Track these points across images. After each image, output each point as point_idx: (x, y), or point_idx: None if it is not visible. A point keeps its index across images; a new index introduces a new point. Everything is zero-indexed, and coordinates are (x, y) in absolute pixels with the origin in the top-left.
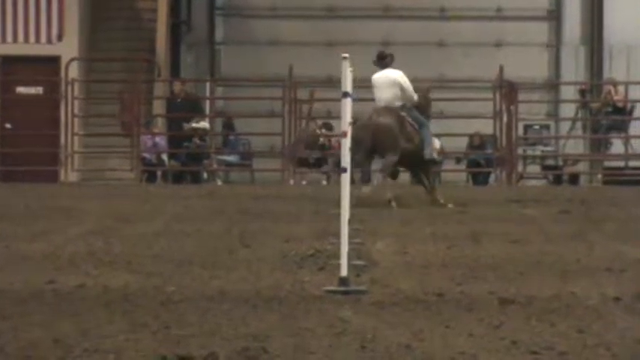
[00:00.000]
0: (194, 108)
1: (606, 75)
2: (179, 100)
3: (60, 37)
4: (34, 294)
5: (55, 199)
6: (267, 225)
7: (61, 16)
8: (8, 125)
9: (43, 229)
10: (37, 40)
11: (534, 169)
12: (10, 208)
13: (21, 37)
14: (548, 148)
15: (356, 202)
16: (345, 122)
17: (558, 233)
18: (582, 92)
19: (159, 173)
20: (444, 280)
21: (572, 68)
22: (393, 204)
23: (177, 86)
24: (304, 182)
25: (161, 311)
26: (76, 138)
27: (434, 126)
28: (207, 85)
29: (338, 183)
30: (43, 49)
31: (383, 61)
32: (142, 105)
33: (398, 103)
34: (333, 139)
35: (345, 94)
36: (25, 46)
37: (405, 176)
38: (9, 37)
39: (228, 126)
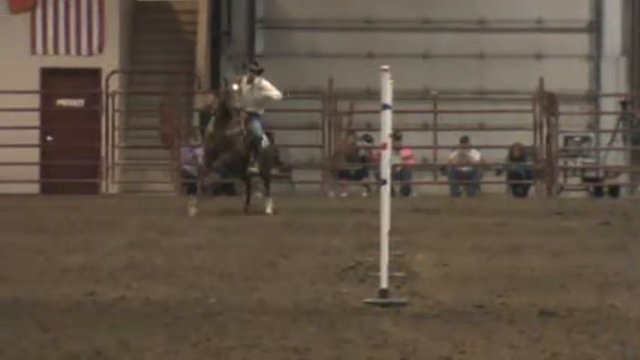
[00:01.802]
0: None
1: None
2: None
3: (101, 49)
4: (74, 306)
5: (95, 211)
6: (307, 237)
7: (101, 28)
8: (49, 138)
9: (83, 241)
10: (78, 52)
11: (574, 180)
12: (51, 220)
13: (62, 49)
14: (589, 160)
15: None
16: (385, 134)
17: (598, 245)
18: (623, 104)
19: (198, 185)
20: (484, 292)
21: (612, 80)
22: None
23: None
24: (344, 194)
25: (201, 323)
26: (116, 150)
27: (474, 137)
28: None
29: (378, 195)
30: (84, 62)
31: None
32: (181, 117)
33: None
34: (373, 151)
35: (385, 106)
36: (66, 58)
37: (444, 189)
38: (50, 49)
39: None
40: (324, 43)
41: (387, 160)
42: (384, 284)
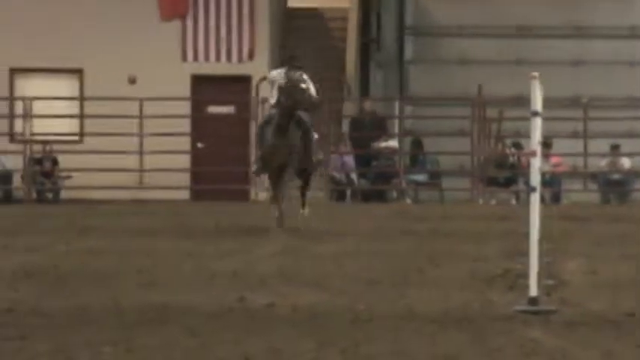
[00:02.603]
0: (380, 127)
1: None
2: (367, 119)
3: (251, 56)
4: (224, 311)
5: (245, 217)
6: (456, 244)
7: (252, 35)
8: (200, 144)
9: (233, 247)
10: (228, 59)
11: None
12: (201, 226)
13: (212, 56)
14: None
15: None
16: (535, 141)
17: None
18: None
19: (348, 192)
20: (634, 301)
21: None
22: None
23: (367, 104)
24: (493, 201)
25: (350, 330)
26: None
27: (625, 145)
28: (396, 103)
29: (527, 202)
30: (234, 68)
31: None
32: (330, 124)
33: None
34: (523, 158)
35: (535, 113)
36: (217, 65)
37: (594, 196)
38: (200, 57)
39: (417, 145)
40: (474, 50)
41: (536, 168)
42: (533, 292)
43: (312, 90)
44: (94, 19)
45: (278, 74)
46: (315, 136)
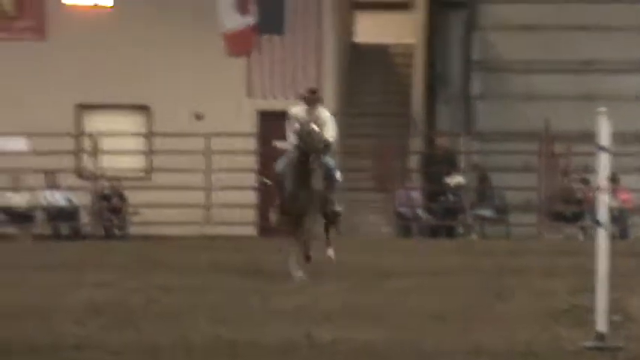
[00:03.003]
0: (452, 162)
1: None
2: (439, 154)
3: None
4: (290, 347)
5: (312, 252)
6: (522, 279)
7: (317, 71)
8: (266, 180)
9: (299, 283)
10: (295, 95)
11: None
12: (268, 262)
13: (278, 92)
14: None
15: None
16: (603, 177)
17: None
18: None
19: (414, 227)
20: None
21: None
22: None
23: (440, 140)
24: (560, 237)
25: None
26: None
27: None
28: (463, 139)
29: (594, 237)
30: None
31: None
32: (397, 159)
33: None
34: (590, 194)
35: (602, 149)
36: (283, 101)
37: None
38: (266, 92)
39: (484, 180)
40: (540, 85)
41: (604, 203)
42: (600, 328)
43: (330, 129)
44: (161, 55)
45: (298, 111)
46: (338, 175)
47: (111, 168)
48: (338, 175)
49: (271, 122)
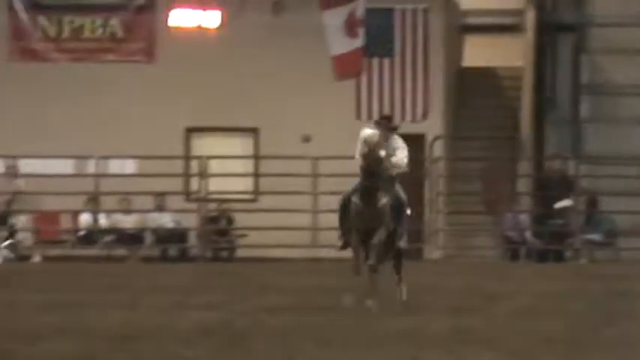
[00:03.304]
0: (566, 186)
1: None
2: (554, 177)
3: (425, 116)
4: None
5: (418, 275)
6: (632, 304)
7: (426, 95)
8: None
9: (406, 305)
10: (402, 118)
11: None
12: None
13: None
14: None
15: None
16: None
17: None
18: None
19: (522, 251)
20: None
21: None
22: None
23: (553, 163)
24: None
25: None
26: (439, 215)
27: None
28: (572, 162)
29: None
30: (408, 127)
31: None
32: (505, 183)
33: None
34: None
35: None
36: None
37: None
38: (374, 115)
39: (593, 204)
40: None
41: None
42: None
43: (400, 155)
44: (269, 78)
45: (370, 135)
46: (408, 211)
47: (219, 190)
48: (408, 210)
49: None
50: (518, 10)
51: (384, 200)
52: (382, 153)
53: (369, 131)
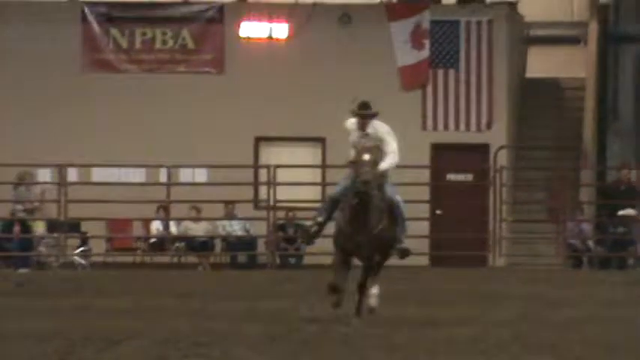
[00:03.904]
0: (632, 195)
1: None
2: (622, 187)
3: (489, 126)
4: None
5: (483, 283)
6: None
7: (490, 105)
8: (438, 211)
9: (471, 313)
10: (467, 128)
11: None
12: (439, 292)
13: (451, 125)
14: None
15: None
16: None
17: None
18: None
19: (585, 259)
20: None
21: None
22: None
23: (624, 172)
24: None
25: None
26: (503, 224)
27: None
28: (634, 172)
29: None
30: (473, 137)
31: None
32: (568, 192)
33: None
34: None
35: None
36: (456, 134)
37: None
38: (440, 126)
39: None
40: None
41: None
42: None
43: (390, 147)
44: (336, 89)
45: (353, 125)
46: (403, 205)
47: (287, 199)
48: (402, 205)
49: (444, 154)
50: (581, 22)
51: (379, 227)
52: (367, 157)
53: (351, 122)
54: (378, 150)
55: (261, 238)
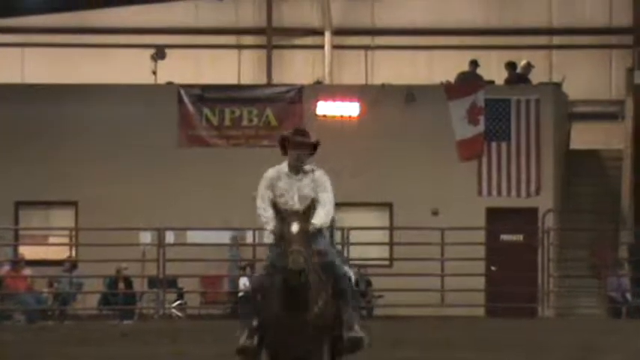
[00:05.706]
0: None
1: None
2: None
3: (537, 192)
4: None
5: (532, 333)
6: None
7: (538, 173)
8: (493, 268)
9: (522, 358)
10: (518, 194)
11: None
12: (495, 340)
13: (504, 191)
14: None
15: None
16: None
17: None
18: None
19: (623, 309)
20: None
21: None
22: None
23: None
24: None
25: None
26: (551, 279)
27: None
28: None
29: None
30: (523, 202)
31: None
32: (609, 250)
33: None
34: None
35: None
36: (508, 199)
37: None
38: (494, 192)
39: None
40: None
41: None
42: None
43: (326, 195)
44: (402, 159)
45: (274, 176)
46: (352, 277)
47: (359, 257)
48: (351, 275)
49: (498, 217)
50: (619, 100)
51: (319, 303)
52: (295, 227)
53: (273, 171)
54: (312, 205)
55: None
